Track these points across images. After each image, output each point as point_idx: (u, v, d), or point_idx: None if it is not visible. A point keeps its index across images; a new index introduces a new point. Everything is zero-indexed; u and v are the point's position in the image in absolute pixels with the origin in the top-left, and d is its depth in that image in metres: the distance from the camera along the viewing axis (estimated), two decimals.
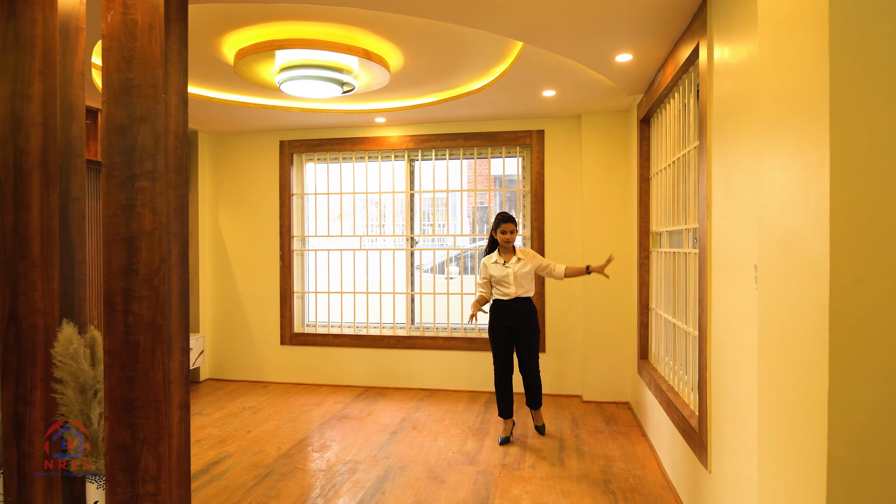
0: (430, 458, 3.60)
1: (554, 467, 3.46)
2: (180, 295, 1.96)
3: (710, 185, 2.43)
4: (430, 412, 4.60)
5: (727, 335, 2.21)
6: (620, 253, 4.81)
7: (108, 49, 1.89)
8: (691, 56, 2.75)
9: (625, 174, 4.82)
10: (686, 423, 2.80)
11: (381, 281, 5.55)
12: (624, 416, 4.47)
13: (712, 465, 2.41)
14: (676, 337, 3.36)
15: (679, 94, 3.23)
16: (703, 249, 2.51)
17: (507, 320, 3.94)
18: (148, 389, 1.88)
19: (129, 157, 1.87)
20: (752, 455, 1.96)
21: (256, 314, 5.67)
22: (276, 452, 3.73)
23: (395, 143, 5.37)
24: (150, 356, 1.88)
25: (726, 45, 2.24)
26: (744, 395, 2.03)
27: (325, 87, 3.56)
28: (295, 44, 3.19)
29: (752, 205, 1.93)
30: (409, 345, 5.36)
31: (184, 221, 1.98)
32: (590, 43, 3.04)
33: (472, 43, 3.35)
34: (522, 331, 3.93)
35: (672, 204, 3.42)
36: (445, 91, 4.36)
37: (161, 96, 1.87)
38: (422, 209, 5.54)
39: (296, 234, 5.66)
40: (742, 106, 2.05)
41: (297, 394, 5.19)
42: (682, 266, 3.20)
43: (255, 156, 5.66)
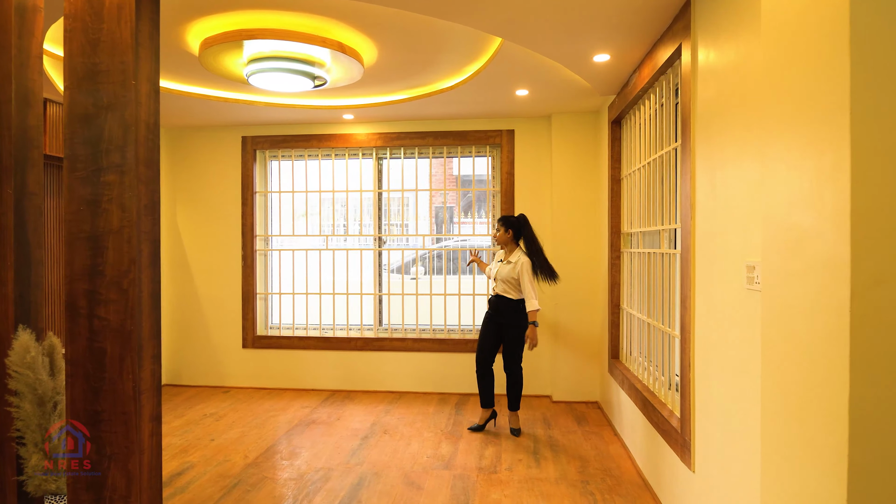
0: (405, 464, 3.52)
1: (531, 469, 3.43)
2: (151, 298, 1.81)
3: (693, 186, 2.44)
4: (400, 415, 4.51)
5: (713, 335, 2.22)
6: (589, 253, 4.84)
7: (72, 31, 1.73)
8: (671, 57, 2.77)
9: (594, 175, 4.85)
10: (666, 422, 2.81)
11: (347, 282, 5.42)
12: (594, 416, 4.49)
13: (696, 465, 2.41)
14: (652, 337, 3.38)
15: (655, 96, 3.26)
16: (686, 249, 2.52)
17: (493, 314, 4.15)
18: (116, 401, 1.74)
19: (94, 149, 1.72)
20: (740, 455, 1.96)
21: (217, 317, 5.44)
22: (242, 462, 3.56)
23: (363, 140, 5.25)
24: (119, 365, 1.73)
25: (712, 47, 2.24)
26: (731, 395, 2.03)
27: (296, 80, 3.42)
28: (265, 34, 3.05)
29: (741, 205, 1.93)
30: (377, 347, 5.25)
31: (155, 219, 1.84)
32: (570, 42, 3.02)
33: (448, 39, 3.28)
34: (508, 328, 4.06)
35: (647, 205, 3.44)
36: (417, 88, 4.28)
37: (131, 83, 1.73)
38: (390, 209, 5.44)
39: (259, 233, 5.46)
40: (730, 107, 2.05)
41: (261, 399, 5.01)
42: (658, 266, 3.22)
43: (215, 152, 5.43)
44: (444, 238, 5.90)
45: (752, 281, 1.82)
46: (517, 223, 4.12)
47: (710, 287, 2.25)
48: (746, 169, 1.87)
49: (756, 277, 1.79)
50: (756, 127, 1.74)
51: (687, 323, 2.51)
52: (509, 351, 4.06)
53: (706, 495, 2.30)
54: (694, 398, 2.45)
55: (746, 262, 1.87)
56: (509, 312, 4.04)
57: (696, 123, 2.43)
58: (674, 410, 2.88)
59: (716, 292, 2.20)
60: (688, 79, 2.50)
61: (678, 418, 2.74)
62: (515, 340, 4.04)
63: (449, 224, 5.95)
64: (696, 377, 2.42)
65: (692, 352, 2.46)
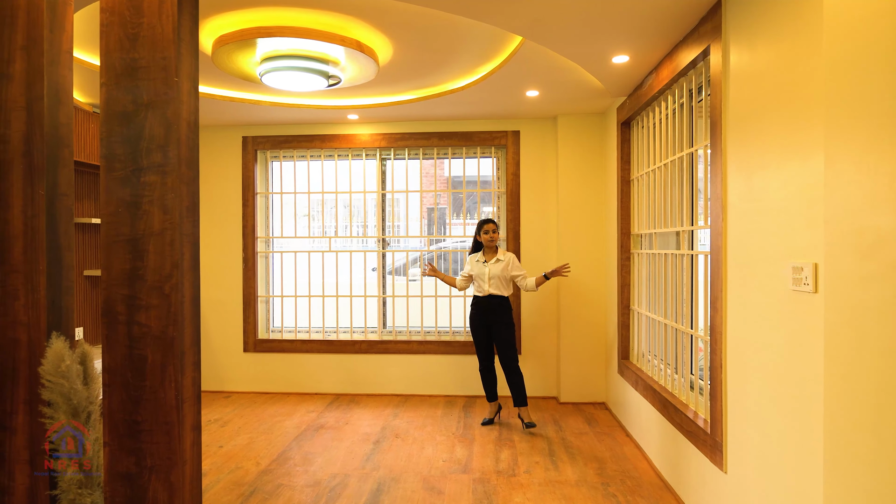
0: (422, 468, 3.47)
1: (549, 472, 3.41)
2: (192, 304, 1.75)
3: (725, 187, 2.44)
4: (409, 419, 4.46)
5: (750, 336, 2.22)
6: (595, 255, 4.84)
7: (108, 25, 1.67)
8: (696, 59, 2.77)
9: (601, 176, 4.86)
10: (691, 423, 2.81)
11: (351, 284, 5.35)
12: (603, 417, 4.49)
13: (729, 467, 2.41)
14: (668, 337, 3.38)
15: (673, 97, 3.26)
16: (716, 251, 2.52)
17: (482, 316, 4.26)
18: (157, 411, 1.67)
19: (134, 148, 1.66)
20: (781, 457, 1.96)
21: (217, 320, 5.34)
22: (255, 469, 3.49)
23: (367, 141, 5.20)
24: (160, 373, 1.67)
25: (746, 49, 2.24)
26: (772, 397, 2.03)
27: (311, 79, 3.36)
28: (282, 31, 2.99)
29: (786, 207, 1.93)
30: (382, 349, 5.20)
31: (195, 221, 1.77)
32: (592, 42, 3.01)
33: (466, 39, 3.25)
34: (496, 326, 4.20)
35: (663, 206, 3.44)
36: (427, 88, 4.25)
37: (174, 80, 1.67)
38: (394, 210, 5.39)
39: (260, 235, 5.37)
40: (770, 109, 2.05)
41: (265, 404, 4.92)
42: (678, 268, 3.22)
43: (215, 152, 5.33)
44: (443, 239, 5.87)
45: (801, 282, 1.82)
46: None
47: (746, 289, 2.25)
48: (792, 171, 1.87)
49: (805, 279, 1.79)
50: (807, 131, 1.74)
51: (717, 324, 2.50)
52: (504, 347, 4.19)
53: (740, 496, 2.30)
54: (726, 399, 2.45)
55: (792, 263, 1.87)
56: (502, 310, 4.20)
57: (727, 125, 2.43)
58: (698, 411, 2.88)
59: (753, 294, 2.19)
60: (718, 80, 2.50)
61: (705, 419, 2.74)
62: (510, 337, 4.20)
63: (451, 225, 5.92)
64: (729, 378, 2.42)
65: (724, 353, 2.46)
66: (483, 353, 4.32)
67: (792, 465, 1.89)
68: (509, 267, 4.22)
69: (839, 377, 1.45)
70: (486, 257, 4.29)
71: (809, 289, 1.75)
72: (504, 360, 4.19)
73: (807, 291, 1.77)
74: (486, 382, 4.37)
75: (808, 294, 1.77)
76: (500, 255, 4.26)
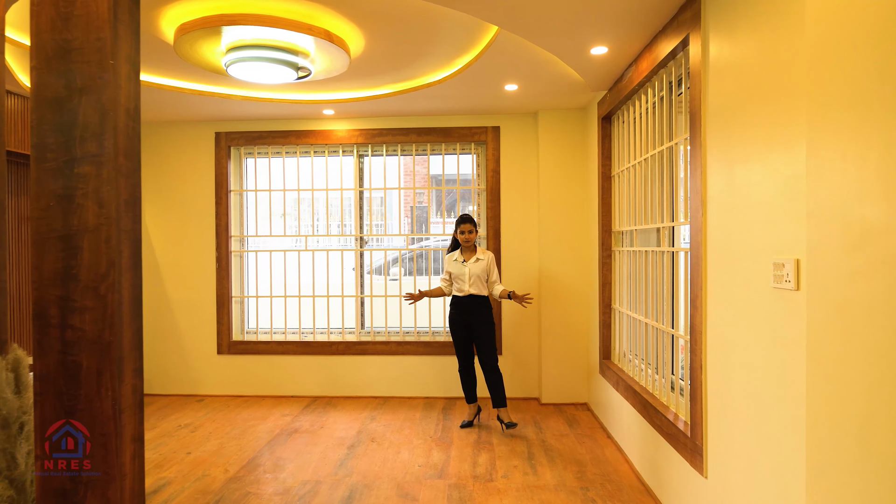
0: (397, 474, 3.36)
1: (528, 476, 3.31)
2: (133, 304, 1.62)
3: (705, 181, 2.36)
4: (386, 422, 4.35)
5: (732, 336, 2.13)
6: (577, 252, 4.76)
7: (39, 3, 1.53)
8: (675, 49, 2.68)
9: (582, 172, 4.77)
10: (671, 426, 2.72)
11: (328, 283, 5.22)
12: (585, 418, 4.41)
13: (709, 471, 2.33)
14: (648, 337, 3.30)
15: (653, 90, 3.18)
16: (696, 247, 2.43)
17: (462, 315, 4.16)
18: (93, 421, 1.54)
19: (67, 137, 1.53)
20: (766, 461, 1.87)
21: (190, 321, 5.18)
22: (223, 476, 3.35)
23: (344, 137, 5.07)
24: (96, 381, 1.54)
25: (727, 39, 2.15)
26: (756, 398, 1.94)
27: (279, 71, 3.23)
28: (247, 20, 2.86)
29: (768, 200, 1.84)
30: (360, 350, 5.07)
31: (136, 216, 1.64)
32: (569, 33, 2.91)
33: (441, 29, 3.14)
34: (476, 325, 4.12)
35: (643, 202, 3.36)
36: (404, 82, 4.13)
37: (109, 63, 1.54)
38: (371, 208, 5.26)
39: (234, 233, 5.21)
40: (752, 100, 1.96)
41: (239, 407, 4.77)
42: (658, 265, 3.14)
43: (187, 148, 5.17)
44: (426, 238, 5.75)
45: (782, 279, 1.73)
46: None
47: (727, 286, 2.17)
48: (775, 163, 1.78)
49: (786, 276, 1.70)
50: (790, 121, 1.65)
51: (698, 323, 2.42)
52: (484, 347, 4.11)
53: (722, 502, 2.21)
54: (706, 401, 2.36)
55: (773, 259, 1.78)
56: (483, 310, 4.12)
57: (707, 118, 2.34)
58: (679, 413, 2.80)
59: (734, 291, 2.11)
60: (697, 71, 2.41)
61: (686, 422, 2.65)
62: (490, 336, 4.12)
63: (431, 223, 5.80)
64: (709, 379, 2.34)
65: (704, 353, 2.37)
66: (462, 354, 4.23)
67: (774, 472, 1.80)
68: (489, 266, 4.14)
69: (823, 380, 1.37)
70: (465, 256, 4.19)
71: (791, 286, 1.66)
72: (483, 360, 4.10)
73: (788, 289, 1.68)
74: (466, 384, 4.27)
75: (789, 291, 1.68)
76: (480, 255, 4.16)
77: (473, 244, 4.20)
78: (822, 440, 1.37)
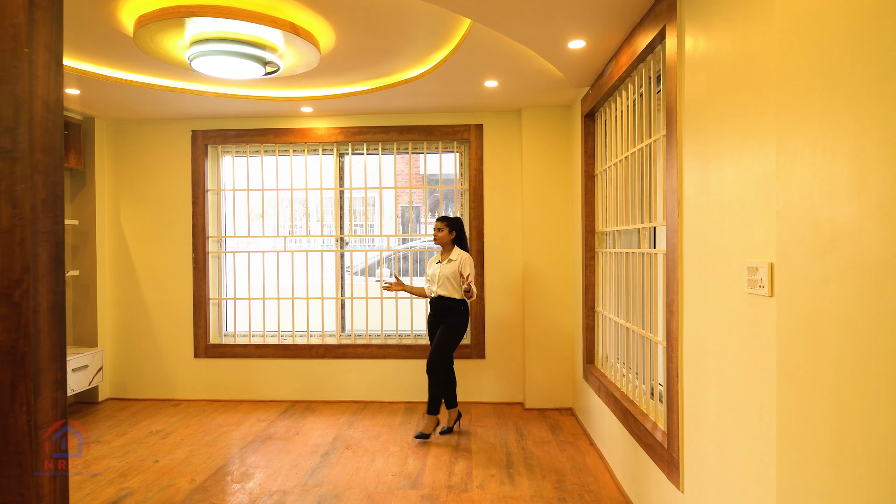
0: (369, 484, 3.24)
1: (504, 486, 3.19)
2: (52, 312, 1.50)
3: (680, 180, 2.24)
4: (364, 428, 4.23)
5: (707, 343, 2.01)
6: (562, 253, 4.64)
7: None
8: (652, 42, 2.57)
9: (567, 171, 4.66)
10: (649, 435, 2.61)
11: (307, 285, 5.10)
12: (569, 424, 4.29)
13: (685, 486, 2.21)
14: (630, 342, 3.19)
15: (633, 85, 3.06)
16: (672, 249, 2.31)
17: (435, 319, 4.06)
18: (7, 439, 1.41)
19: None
20: (741, 477, 1.76)
21: (166, 324, 5.05)
22: (188, 486, 3.23)
23: (323, 135, 4.95)
24: (10, 395, 1.41)
25: (702, 32, 2.04)
26: (730, 411, 1.83)
27: (245, 65, 3.11)
28: (207, 11, 2.73)
29: (741, 200, 1.73)
30: (340, 354, 4.95)
31: (57, 217, 1.52)
32: (543, 25, 2.79)
33: (412, 22, 3.02)
34: (441, 327, 3.96)
35: (624, 202, 3.24)
36: (380, 78, 4.01)
37: (23, 51, 1.41)
38: (352, 207, 5.14)
39: (211, 234, 5.09)
40: (726, 95, 1.85)
41: (214, 412, 4.65)
42: (638, 267, 3.02)
43: (162, 147, 5.04)
44: (411, 238, 5.64)
45: (756, 284, 1.62)
46: (459, 224, 4.11)
47: (703, 290, 2.05)
48: (748, 160, 1.66)
49: (760, 281, 1.59)
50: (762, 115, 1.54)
51: (674, 329, 2.30)
52: (434, 348, 3.92)
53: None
54: (682, 411, 2.24)
55: (747, 263, 1.67)
56: (450, 312, 3.96)
57: (683, 113, 2.22)
58: (657, 422, 2.68)
59: (709, 296, 1.99)
60: (673, 64, 2.29)
61: (663, 432, 2.54)
62: (443, 337, 3.92)
63: (415, 224, 5.69)
64: (685, 389, 2.22)
65: (680, 361, 2.26)
66: None
67: (746, 493, 1.68)
68: (460, 268, 3.95)
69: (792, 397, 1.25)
70: (441, 257, 4.08)
71: (765, 292, 1.55)
72: (429, 358, 3.92)
73: (762, 295, 1.57)
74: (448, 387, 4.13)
75: (763, 298, 1.57)
76: (453, 255, 4.01)
77: (451, 244, 4.06)
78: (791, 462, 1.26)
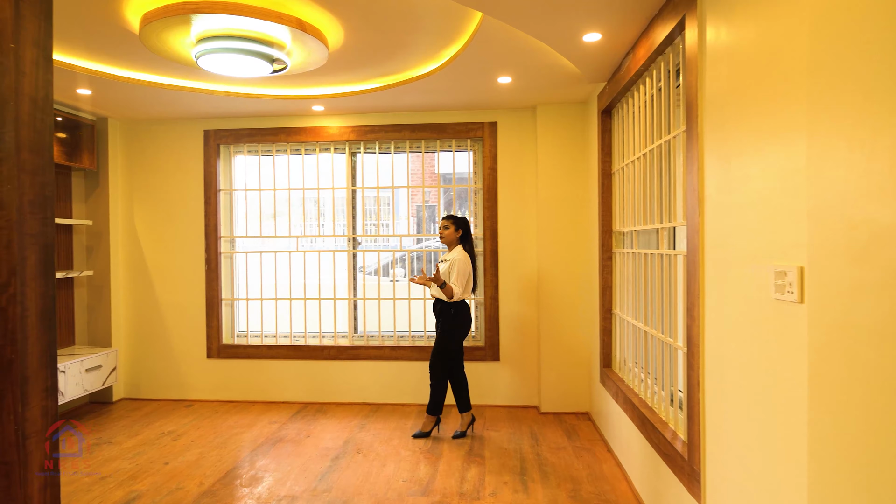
0: (378, 490, 3.17)
1: (517, 494, 3.10)
2: (41, 318, 1.44)
3: (702, 178, 2.13)
4: (376, 431, 4.16)
5: (729, 351, 1.90)
6: (577, 254, 4.53)
7: None
8: (672, 33, 2.45)
9: (583, 169, 4.54)
10: (669, 445, 2.49)
11: (320, 286, 5.05)
12: (585, 429, 4.18)
13: (707, 500, 2.10)
14: (649, 346, 3.07)
15: (651, 79, 2.94)
16: (692, 251, 2.20)
17: (435, 318, 4.05)
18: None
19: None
20: (764, 494, 1.64)
21: (179, 325, 5.04)
22: (196, 490, 3.19)
23: (335, 134, 4.89)
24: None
25: (724, 22, 1.92)
26: (754, 423, 1.72)
27: (252, 63, 3.06)
28: (213, 7, 2.68)
29: (768, 199, 1.61)
30: (352, 355, 4.89)
31: (45, 219, 1.46)
32: (557, 17, 2.69)
33: (421, 17, 2.94)
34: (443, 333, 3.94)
35: (643, 201, 3.13)
36: (390, 76, 3.93)
37: (9, 47, 1.36)
38: (364, 207, 5.08)
39: (223, 234, 5.07)
40: (752, 85, 1.73)
41: (226, 413, 4.62)
42: (657, 269, 2.90)
43: (175, 147, 5.03)
44: (425, 238, 5.56)
45: (784, 289, 1.50)
46: (465, 223, 4.03)
47: (725, 294, 1.94)
48: (775, 157, 1.55)
49: (789, 285, 1.47)
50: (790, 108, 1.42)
51: (694, 335, 2.19)
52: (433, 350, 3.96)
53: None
54: (704, 421, 2.13)
55: (775, 266, 1.55)
56: (444, 313, 3.93)
57: (704, 108, 2.11)
58: (677, 432, 2.57)
59: (733, 301, 1.88)
60: (693, 56, 2.18)
61: (684, 442, 2.42)
62: (439, 341, 3.93)
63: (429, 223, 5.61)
64: (707, 398, 2.11)
65: (702, 369, 2.15)
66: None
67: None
68: (451, 267, 3.87)
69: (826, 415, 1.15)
70: (445, 257, 4.01)
71: (794, 297, 1.44)
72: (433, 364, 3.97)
73: (791, 301, 1.46)
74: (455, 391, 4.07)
75: (792, 304, 1.46)
76: (449, 255, 3.95)
77: (457, 243, 4.01)
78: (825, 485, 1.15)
